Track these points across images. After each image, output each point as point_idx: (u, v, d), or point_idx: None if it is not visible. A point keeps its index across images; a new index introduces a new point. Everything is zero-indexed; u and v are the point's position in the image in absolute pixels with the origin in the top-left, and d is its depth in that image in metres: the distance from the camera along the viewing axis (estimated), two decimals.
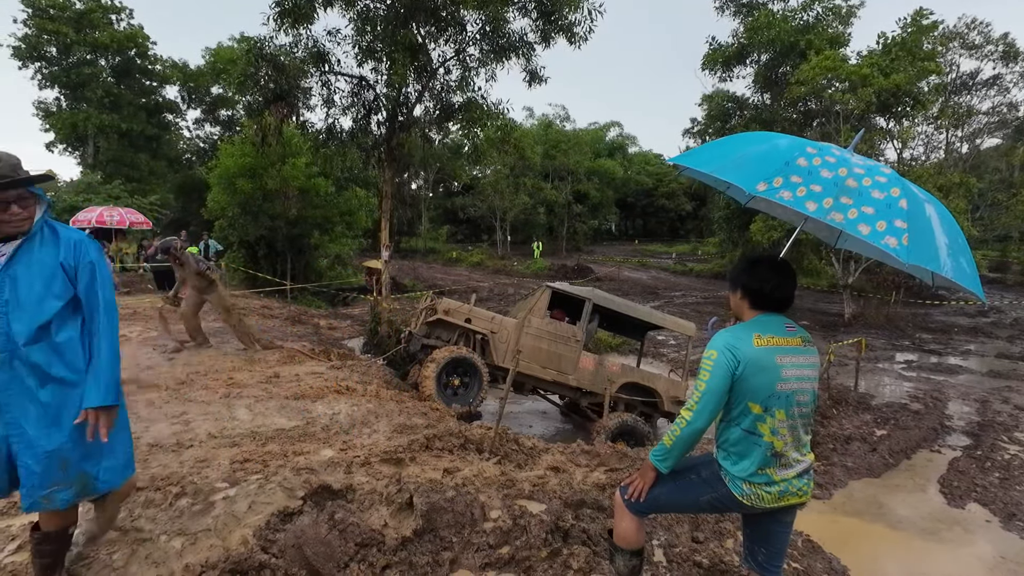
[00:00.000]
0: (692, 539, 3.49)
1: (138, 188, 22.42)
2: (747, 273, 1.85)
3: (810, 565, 3.64)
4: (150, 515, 2.54)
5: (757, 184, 1.78)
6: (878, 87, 14.54)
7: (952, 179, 14.72)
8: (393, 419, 4.81)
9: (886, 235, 1.65)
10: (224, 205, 15.19)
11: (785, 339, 1.78)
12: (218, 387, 5.13)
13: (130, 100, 25.69)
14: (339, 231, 17.34)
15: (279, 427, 4.19)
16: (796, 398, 1.76)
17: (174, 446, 3.67)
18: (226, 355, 6.48)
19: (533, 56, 9.66)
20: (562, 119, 38.54)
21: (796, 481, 1.77)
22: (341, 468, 3.33)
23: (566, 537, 2.89)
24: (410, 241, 36.47)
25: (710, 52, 19.94)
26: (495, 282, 22.99)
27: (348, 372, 6.39)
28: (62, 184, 21.00)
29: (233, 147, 15.39)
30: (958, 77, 20.42)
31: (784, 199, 1.75)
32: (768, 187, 1.77)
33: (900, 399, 8.53)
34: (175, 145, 31.12)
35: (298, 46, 9.10)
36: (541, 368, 6.99)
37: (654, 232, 49.42)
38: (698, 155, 2.13)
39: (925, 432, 6.75)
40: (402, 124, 9.67)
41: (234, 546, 2.32)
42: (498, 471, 3.79)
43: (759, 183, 1.78)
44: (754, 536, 1.93)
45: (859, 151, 2.22)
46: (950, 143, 22.39)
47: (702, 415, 1.75)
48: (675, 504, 1.97)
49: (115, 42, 24.45)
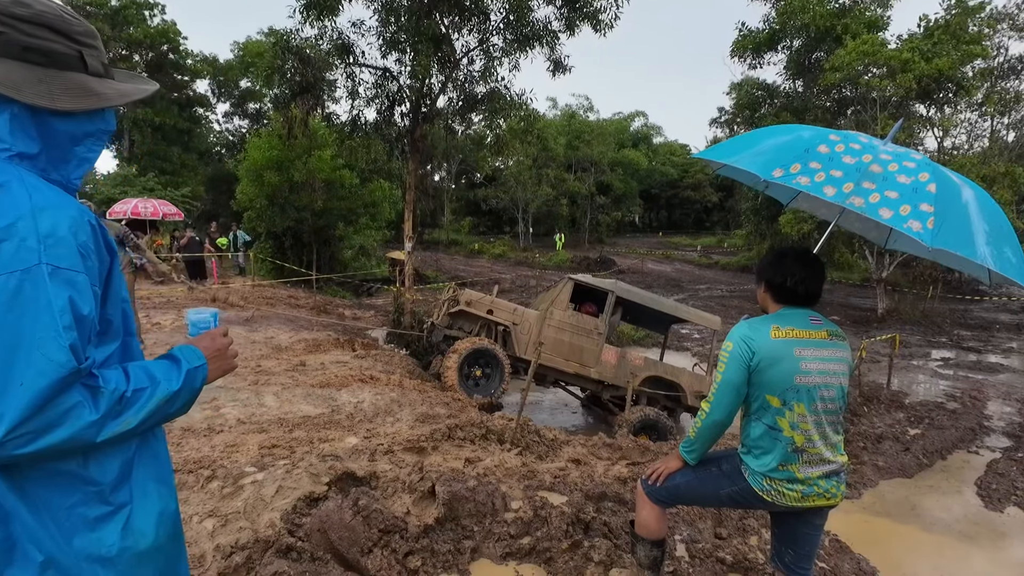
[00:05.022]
0: (715, 535, 3.45)
1: (171, 181, 23.06)
2: (773, 266, 1.80)
3: (837, 565, 3.56)
4: (183, 497, 2.63)
5: (773, 170, 1.74)
6: (919, 72, 13.92)
7: (997, 169, 14.04)
8: (416, 408, 4.87)
9: (909, 219, 1.59)
10: (252, 197, 15.53)
11: (807, 332, 1.73)
12: (247, 374, 5.27)
13: (163, 94, 26.36)
14: (363, 222, 17.57)
15: (305, 414, 4.29)
16: (820, 393, 1.71)
17: (205, 431, 3.78)
18: (254, 343, 6.64)
19: (557, 45, 9.54)
20: (586, 109, 38.13)
21: (823, 482, 1.72)
22: (365, 455, 3.39)
23: (587, 529, 2.88)
24: (433, 233, 36.71)
25: (740, 38, 19.38)
26: (517, 274, 22.98)
27: (372, 362, 6.49)
28: (100, 177, 21.73)
29: (260, 140, 15.69)
30: (1006, 61, 19.34)
31: (801, 184, 1.70)
32: (784, 173, 1.73)
33: (936, 398, 8.23)
34: (205, 138, 31.87)
35: (323, 38, 9.18)
36: (563, 360, 6.97)
37: (679, 224, 48.60)
38: (722, 149, 2.09)
39: (962, 432, 6.51)
40: (425, 115, 9.68)
41: (262, 529, 2.38)
42: (519, 462, 3.81)
43: (775, 169, 1.74)
44: (782, 536, 1.89)
45: (898, 141, 2.14)
46: (995, 131, 21.33)
47: (719, 407, 1.74)
48: (696, 495, 1.95)
49: (148, 37, 25.10)
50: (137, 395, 0.89)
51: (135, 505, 0.95)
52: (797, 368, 1.69)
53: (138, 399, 0.89)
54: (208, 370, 1.03)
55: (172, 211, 15.85)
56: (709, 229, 45.69)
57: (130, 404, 0.88)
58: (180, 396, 0.96)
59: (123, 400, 0.87)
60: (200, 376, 1.01)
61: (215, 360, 1.06)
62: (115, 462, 0.92)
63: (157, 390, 0.92)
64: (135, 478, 0.95)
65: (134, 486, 0.95)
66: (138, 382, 0.90)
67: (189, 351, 1.02)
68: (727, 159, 1.97)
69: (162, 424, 1.01)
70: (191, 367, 0.99)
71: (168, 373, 0.96)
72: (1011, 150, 19.05)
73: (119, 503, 0.93)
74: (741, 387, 1.72)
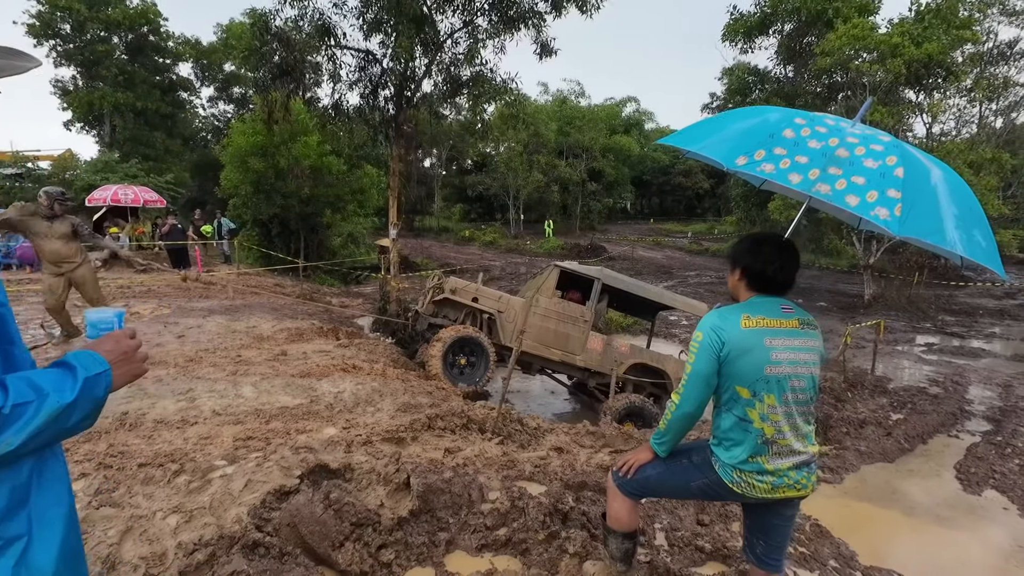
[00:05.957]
0: (697, 522, 3.44)
1: (154, 167, 22.59)
2: (750, 253, 1.75)
3: (817, 550, 3.57)
4: (148, 492, 2.56)
5: (737, 158, 1.69)
6: (909, 57, 13.85)
7: (984, 155, 14.08)
8: (398, 398, 4.81)
9: (876, 206, 1.54)
10: (237, 184, 15.25)
11: (778, 320, 1.69)
12: (226, 364, 5.17)
13: (144, 78, 25.71)
14: (351, 210, 17.34)
15: (283, 405, 4.21)
16: (790, 383, 1.67)
17: (179, 423, 3.70)
18: (235, 333, 6.53)
19: (543, 27, 9.35)
20: (577, 95, 37.77)
21: (793, 473, 1.68)
22: (341, 447, 3.33)
23: (565, 520, 2.85)
24: (423, 220, 36.41)
25: (731, 22, 19.18)
26: (507, 261, 22.89)
27: (356, 351, 6.41)
28: (83, 163, 21.23)
29: (244, 125, 15.36)
30: (995, 46, 19.33)
31: (766, 172, 1.65)
32: (748, 160, 1.68)
33: (919, 383, 8.32)
34: (190, 123, 31.22)
35: (304, 19, 8.92)
36: (549, 348, 6.93)
37: (670, 211, 48.58)
38: (688, 134, 2.01)
39: (943, 417, 6.58)
40: (409, 99, 9.48)
41: (229, 524, 2.32)
42: (500, 451, 3.77)
43: (739, 157, 1.68)
44: (753, 528, 1.86)
45: (886, 127, 2.07)
46: (983, 117, 21.39)
47: (689, 399, 1.71)
48: (666, 487, 1.92)
49: (128, 19, 24.38)
50: (19, 411, 0.77)
51: (33, 537, 0.83)
52: (767, 358, 1.65)
53: (20, 416, 0.77)
54: (113, 376, 0.92)
55: (153, 198, 15.58)
56: (700, 216, 45.73)
57: (9, 422, 0.76)
58: (77, 408, 0.84)
59: (0, 418, 0.76)
60: (103, 384, 0.89)
61: (121, 364, 0.95)
62: (2, 489, 0.80)
63: (45, 404, 0.80)
64: (33, 505, 0.84)
65: (32, 515, 0.83)
66: (20, 396, 0.78)
67: (87, 357, 0.90)
68: (692, 145, 1.90)
69: (59, 441, 0.89)
70: (89, 375, 0.87)
71: (60, 383, 0.84)
72: (999, 136, 19.14)
73: (10, 536, 0.81)
74: (711, 378, 1.68)
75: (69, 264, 5.52)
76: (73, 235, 5.52)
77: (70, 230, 5.47)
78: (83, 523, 2.27)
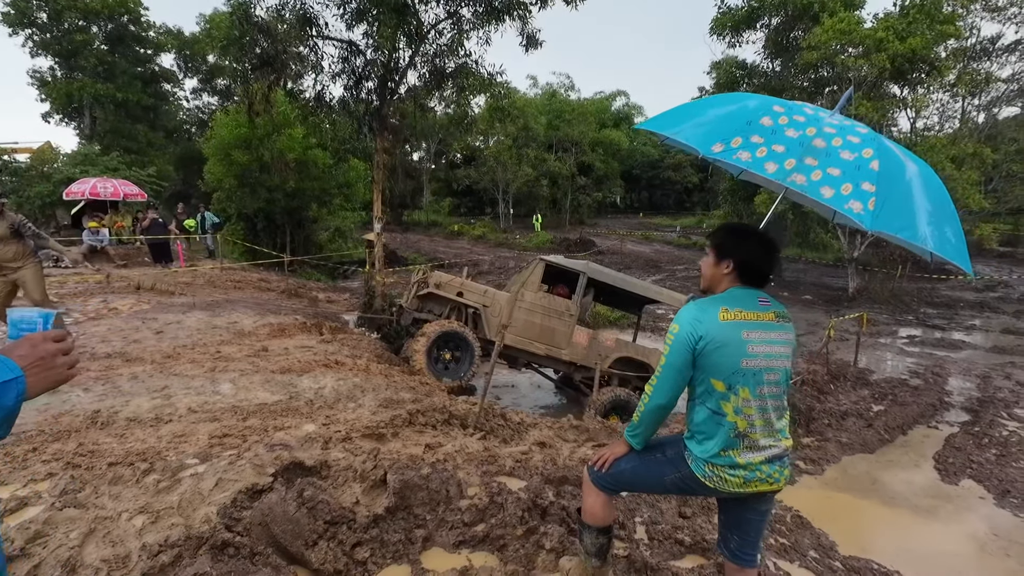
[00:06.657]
0: (679, 515, 3.45)
1: (136, 160, 22.15)
2: (742, 245, 1.72)
3: (797, 540, 3.60)
4: (115, 492, 2.49)
5: (713, 145, 1.66)
6: (893, 52, 13.95)
7: (966, 150, 14.25)
8: (380, 394, 4.76)
9: (850, 199, 1.52)
10: (221, 177, 15.00)
11: (755, 313, 1.66)
12: (204, 361, 5.08)
13: (124, 69, 25.16)
14: (338, 204, 17.16)
15: (262, 401, 4.14)
16: (764, 376, 1.65)
17: (153, 421, 3.62)
18: (215, 328, 6.42)
19: (529, 18, 9.26)
20: (567, 88, 37.67)
21: (766, 467, 1.67)
22: (318, 444, 3.28)
23: (544, 515, 2.83)
24: (412, 214, 36.16)
25: (719, 16, 19.16)
26: (496, 255, 22.82)
27: (338, 346, 6.33)
28: (63, 156, 20.73)
29: (228, 117, 15.09)
30: (978, 42, 19.52)
31: (742, 160, 1.62)
32: (725, 148, 1.65)
33: (900, 374, 8.43)
34: (174, 116, 30.65)
35: (286, 8, 8.74)
36: (534, 342, 6.90)
37: (660, 205, 48.73)
38: (666, 119, 1.96)
39: (923, 408, 6.67)
40: (393, 91, 9.35)
41: (197, 524, 2.27)
42: (481, 447, 3.74)
43: (715, 143, 1.66)
44: (727, 522, 1.85)
45: (871, 122, 2.06)
46: (966, 112, 21.63)
47: (662, 391, 1.69)
48: (640, 481, 1.90)
49: (107, 8, 23.80)
50: None
51: None
52: (744, 352, 1.63)
53: None
54: (27, 383, 0.84)
55: (134, 191, 15.25)
56: (689, 210, 45.93)
57: None
58: None
59: None
60: (14, 391, 0.82)
61: (37, 370, 0.87)
62: None
63: None
64: None
65: None
66: None
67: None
68: (668, 131, 1.86)
69: None
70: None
71: None
72: (980, 131, 19.39)
73: None
74: (684, 370, 1.66)
75: (12, 266, 5.17)
76: (14, 235, 5.16)
77: (8, 231, 5.10)
78: (45, 525, 2.20)
